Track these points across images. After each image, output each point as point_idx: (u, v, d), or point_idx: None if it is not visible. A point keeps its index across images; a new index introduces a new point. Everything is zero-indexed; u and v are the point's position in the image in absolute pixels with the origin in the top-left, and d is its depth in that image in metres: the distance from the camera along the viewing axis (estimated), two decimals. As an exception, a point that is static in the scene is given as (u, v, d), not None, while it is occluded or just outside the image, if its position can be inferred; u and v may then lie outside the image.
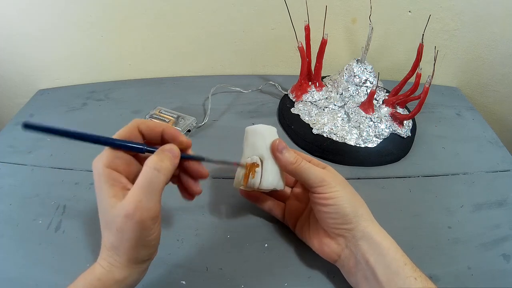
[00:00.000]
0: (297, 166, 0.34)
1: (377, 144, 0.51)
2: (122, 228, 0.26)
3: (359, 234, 0.33)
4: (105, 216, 0.27)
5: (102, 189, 0.27)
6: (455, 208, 0.45)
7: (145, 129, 0.30)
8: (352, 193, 0.34)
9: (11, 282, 0.37)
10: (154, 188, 0.27)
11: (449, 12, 0.61)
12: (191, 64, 0.70)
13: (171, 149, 0.29)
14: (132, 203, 0.25)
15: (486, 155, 0.54)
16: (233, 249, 0.40)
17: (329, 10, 0.52)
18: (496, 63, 0.67)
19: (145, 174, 0.27)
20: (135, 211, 0.25)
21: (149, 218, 0.26)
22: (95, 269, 0.27)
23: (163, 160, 0.28)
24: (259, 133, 0.37)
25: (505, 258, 0.40)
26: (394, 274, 0.30)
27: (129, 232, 0.26)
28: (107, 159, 0.28)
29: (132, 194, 0.26)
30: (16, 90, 0.70)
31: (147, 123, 0.30)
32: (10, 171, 0.49)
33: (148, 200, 0.26)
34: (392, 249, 0.32)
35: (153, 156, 0.28)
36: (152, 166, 0.27)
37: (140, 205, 0.26)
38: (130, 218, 0.25)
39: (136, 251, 0.27)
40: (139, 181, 0.26)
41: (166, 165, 0.28)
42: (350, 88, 0.55)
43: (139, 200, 0.26)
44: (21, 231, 0.42)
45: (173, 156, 0.29)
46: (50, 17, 0.61)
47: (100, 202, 0.27)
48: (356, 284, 0.34)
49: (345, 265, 0.34)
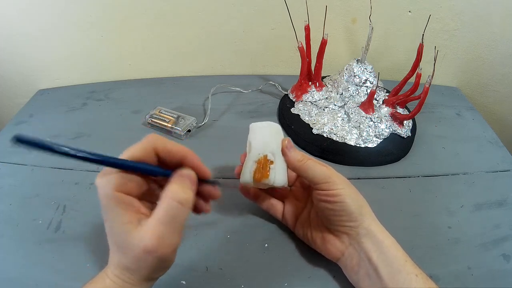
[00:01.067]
0: (304, 163, 0.34)
1: (377, 144, 0.51)
2: (140, 258, 0.25)
3: (363, 231, 0.33)
4: (118, 241, 0.25)
5: (113, 214, 0.25)
6: (455, 208, 0.45)
7: (163, 152, 0.27)
8: (356, 192, 0.34)
9: (11, 282, 0.37)
10: (177, 223, 0.25)
11: (449, 12, 0.61)
12: (191, 64, 0.70)
13: (189, 175, 0.27)
14: (154, 240, 0.24)
15: (486, 155, 0.54)
16: (233, 249, 0.40)
17: (329, 10, 0.52)
18: (496, 63, 0.67)
19: (168, 208, 0.25)
20: (157, 248, 0.24)
21: (170, 252, 0.25)
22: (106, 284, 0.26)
23: (186, 192, 0.26)
24: (271, 130, 0.37)
25: (505, 258, 0.40)
26: (396, 271, 0.31)
27: (147, 263, 0.25)
28: (117, 182, 0.25)
29: (153, 228, 0.24)
30: (16, 90, 0.70)
31: (166, 146, 0.27)
32: (10, 171, 0.49)
33: (171, 236, 0.25)
34: (393, 247, 0.32)
35: (174, 186, 0.26)
36: (175, 199, 0.25)
37: (162, 242, 0.24)
38: (151, 253, 0.24)
39: (153, 274, 0.27)
40: (160, 215, 0.25)
41: (190, 197, 0.26)
42: (350, 88, 0.55)
43: (161, 236, 0.24)
44: (21, 231, 0.41)
45: (192, 184, 0.27)
46: (50, 17, 0.61)
47: (111, 226, 0.25)
48: (358, 281, 0.34)
49: (348, 263, 0.34)
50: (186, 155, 0.28)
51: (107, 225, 0.26)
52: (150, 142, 0.27)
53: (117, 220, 0.25)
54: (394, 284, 0.30)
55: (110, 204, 0.25)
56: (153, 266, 0.25)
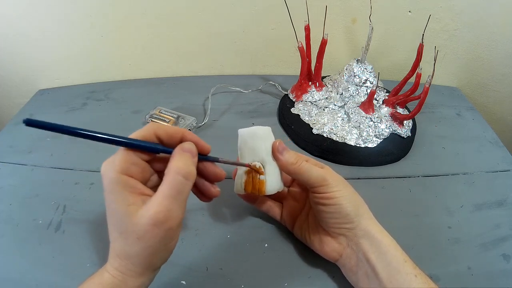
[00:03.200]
0: (298, 166, 0.34)
1: (377, 144, 0.51)
2: (144, 236, 0.25)
3: (360, 232, 0.33)
4: (121, 225, 0.26)
5: (118, 197, 0.25)
6: (455, 208, 0.45)
7: (163, 135, 0.29)
8: (353, 192, 0.34)
9: (11, 282, 0.37)
10: (183, 196, 0.26)
11: (449, 12, 0.61)
12: (191, 64, 0.70)
13: (190, 148, 0.28)
14: (162, 212, 0.25)
15: (486, 155, 0.54)
16: (233, 249, 0.40)
17: (329, 10, 0.52)
18: (496, 63, 0.67)
19: (173, 182, 0.26)
20: (166, 220, 0.25)
21: (176, 225, 0.26)
22: (104, 279, 0.26)
23: (188, 166, 0.27)
24: (257, 136, 0.36)
25: (505, 258, 0.40)
26: (395, 271, 0.30)
27: (153, 239, 0.25)
28: (121, 165, 0.26)
29: (162, 203, 0.25)
30: (16, 90, 0.70)
31: (165, 129, 0.29)
32: (10, 171, 0.49)
33: (177, 208, 0.26)
34: (392, 247, 0.32)
35: (177, 161, 0.27)
36: (179, 173, 0.26)
37: (170, 214, 0.25)
38: (159, 226, 0.25)
39: (156, 257, 0.27)
40: (167, 189, 0.25)
41: (192, 170, 0.27)
42: (350, 88, 0.55)
43: (168, 209, 0.25)
44: (21, 231, 0.41)
45: (193, 157, 0.28)
46: (50, 17, 0.61)
47: (114, 211, 0.26)
48: (357, 282, 0.34)
49: (346, 263, 0.34)
50: (184, 133, 0.29)
51: (110, 211, 0.26)
52: (150, 128, 0.28)
53: (121, 203, 0.25)
54: (393, 284, 0.30)
55: (114, 187, 0.25)
56: (158, 243, 0.26)
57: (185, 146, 0.28)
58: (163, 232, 0.25)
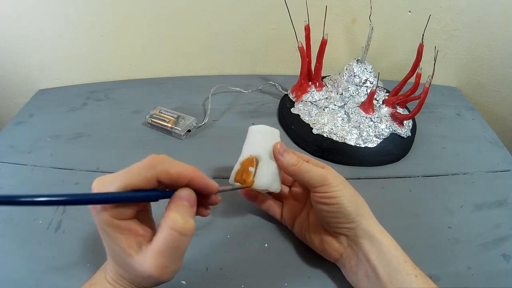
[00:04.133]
0: (298, 167, 0.34)
1: (377, 144, 0.51)
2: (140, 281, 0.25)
3: (360, 232, 0.33)
4: (118, 261, 0.26)
5: (112, 240, 0.24)
6: (455, 208, 0.45)
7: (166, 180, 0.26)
8: (353, 192, 0.34)
9: (11, 282, 0.37)
10: (180, 252, 0.26)
11: (449, 12, 0.61)
12: (191, 64, 0.70)
13: (189, 198, 0.26)
14: (158, 269, 0.24)
15: (486, 155, 0.54)
16: (233, 249, 0.40)
17: (329, 10, 0.52)
18: (496, 63, 0.67)
19: (168, 239, 0.24)
20: (160, 276, 0.24)
21: (172, 276, 0.26)
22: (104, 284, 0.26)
23: (187, 220, 0.25)
24: (260, 133, 0.37)
25: (505, 258, 0.40)
26: (395, 272, 0.30)
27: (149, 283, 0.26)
28: (114, 211, 0.24)
29: (154, 258, 0.24)
30: (16, 90, 0.70)
31: (169, 173, 0.25)
32: (10, 171, 0.49)
33: (172, 264, 0.25)
34: (392, 247, 0.32)
35: (174, 214, 0.25)
36: (176, 229, 0.24)
37: (166, 270, 0.25)
38: (154, 279, 0.25)
39: None
40: (161, 245, 0.24)
41: (191, 225, 0.25)
42: (350, 88, 0.55)
43: (164, 266, 0.24)
44: (21, 231, 0.41)
45: (192, 207, 0.26)
46: (50, 17, 0.61)
47: (111, 249, 0.25)
48: (357, 282, 0.34)
49: (347, 263, 0.34)
50: (193, 178, 0.27)
51: (107, 247, 0.26)
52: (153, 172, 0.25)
53: (116, 245, 0.25)
54: (393, 284, 0.30)
55: (107, 230, 0.24)
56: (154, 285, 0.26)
57: (182, 194, 0.26)
58: (159, 282, 0.26)
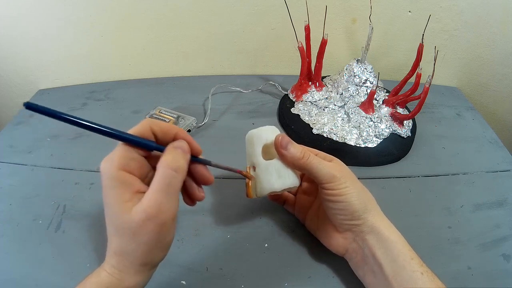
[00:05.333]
0: (306, 161, 0.33)
1: (377, 144, 0.51)
2: (139, 232, 0.25)
3: (366, 229, 0.33)
4: (117, 222, 0.26)
5: (114, 193, 0.26)
6: (455, 208, 0.45)
7: (158, 130, 0.29)
8: (361, 188, 0.34)
9: (11, 283, 0.37)
10: (173, 189, 0.26)
11: (449, 12, 0.61)
12: (191, 64, 0.70)
13: (181, 146, 0.28)
14: (154, 206, 0.25)
15: (486, 155, 0.54)
16: (233, 249, 0.40)
17: (329, 10, 0.52)
18: (496, 63, 0.67)
19: (163, 176, 0.26)
20: (158, 214, 0.25)
21: (170, 219, 0.26)
22: (102, 277, 0.26)
23: (178, 160, 0.27)
24: (248, 140, 0.36)
25: (505, 258, 0.40)
26: (400, 268, 0.30)
27: (147, 235, 0.25)
28: (120, 161, 0.26)
29: (152, 197, 0.25)
30: (16, 90, 0.70)
31: (160, 125, 0.29)
32: (10, 171, 0.49)
33: (168, 202, 0.26)
34: (399, 243, 0.32)
35: (167, 155, 0.27)
36: (169, 166, 0.26)
37: (162, 208, 0.25)
38: (152, 220, 0.25)
39: (152, 254, 0.27)
40: (157, 183, 0.26)
41: (182, 164, 0.27)
42: (350, 88, 0.55)
43: (160, 202, 0.25)
44: (21, 231, 0.41)
45: (185, 153, 0.28)
46: (50, 17, 0.61)
47: (111, 207, 0.26)
48: (363, 277, 0.34)
49: (353, 258, 0.35)
50: (178, 132, 0.29)
51: (107, 207, 0.26)
52: (146, 123, 0.29)
53: (117, 199, 0.25)
54: (398, 281, 0.30)
55: (112, 183, 0.26)
56: (152, 238, 0.26)
57: (176, 144, 0.28)
58: (157, 227, 0.25)
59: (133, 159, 0.27)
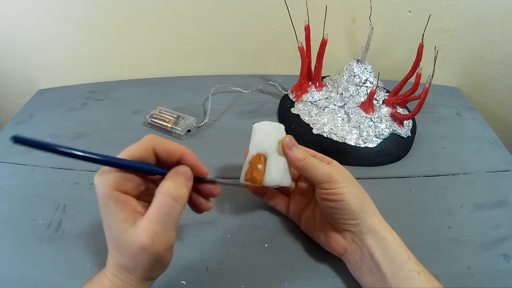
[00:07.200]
0: (305, 162, 0.34)
1: (377, 144, 0.51)
2: (136, 257, 0.25)
3: (365, 229, 0.33)
4: (115, 239, 0.26)
5: (110, 212, 0.25)
6: (455, 208, 0.45)
7: (161, 150, 0.27)
8: (359, 189, 0.34)
9: (11, 283, 0.37)
10: (171, 219, 0.25)
11: (449, 12, 0.61)
12: (191, 64, 0.70)
13: (184, 172, 0.27)
14: (148, 236, 0.24)
15: (486, 155, 0.54)
16: (233, 249, 0.40)
17: (329, 10, 0.52)
18: (496, 63, 0.67)
19: (161, 204, 0.25)
20: (152, 245, 0.24)
21: (165, 249, 0.25)
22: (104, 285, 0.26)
23: (180, 189, 0.26)
24: (264, 130, 0.37)
25: (505, 258, 0.40)
26: (398, 268, 0.31)
27: (144, 260, 0.25)
28: (115, 181, 0.25)
29: (148, 226, 0.24)
30: (16, 90, 0.70)
31: (164, 145, 0.27)
32: (10, 171, 0.49)
33: (165, 232, 0.25)
34: (396, 244, 0.32)
35: (168, 182, 0.26)
36: (169, 195, 0.25)
37: (157, 238, 0.24)
38: (146, 250, 0.24)
39: (150, 272, 0.27)
40: (154, 212, 0.25)
41: (184, 193, 0.26)
42: (350, 88, 0.55)
43: (155, 233, 0.24)
44: (21, 231, 0.41)
45: (187, 180, 0.27)
46: (50, 17, 0.61)
47: (108, 225, 0.25)
48: (361, 277, 0.34)
49: (351, 258, 0.35)
50: (184, 154, 0.28)
51: (105, 224, 0.26)
52: (149, 141, 0.27)
53: (113, 219, 0.25)
54: (396, 280, 0.30)
55: (107, 202, 0.25)
56: (149, 264, 0.25)
57: (179, 169, 0.27)
58: (152, 255, 0.25)
59: (129, 180, 0.26)
